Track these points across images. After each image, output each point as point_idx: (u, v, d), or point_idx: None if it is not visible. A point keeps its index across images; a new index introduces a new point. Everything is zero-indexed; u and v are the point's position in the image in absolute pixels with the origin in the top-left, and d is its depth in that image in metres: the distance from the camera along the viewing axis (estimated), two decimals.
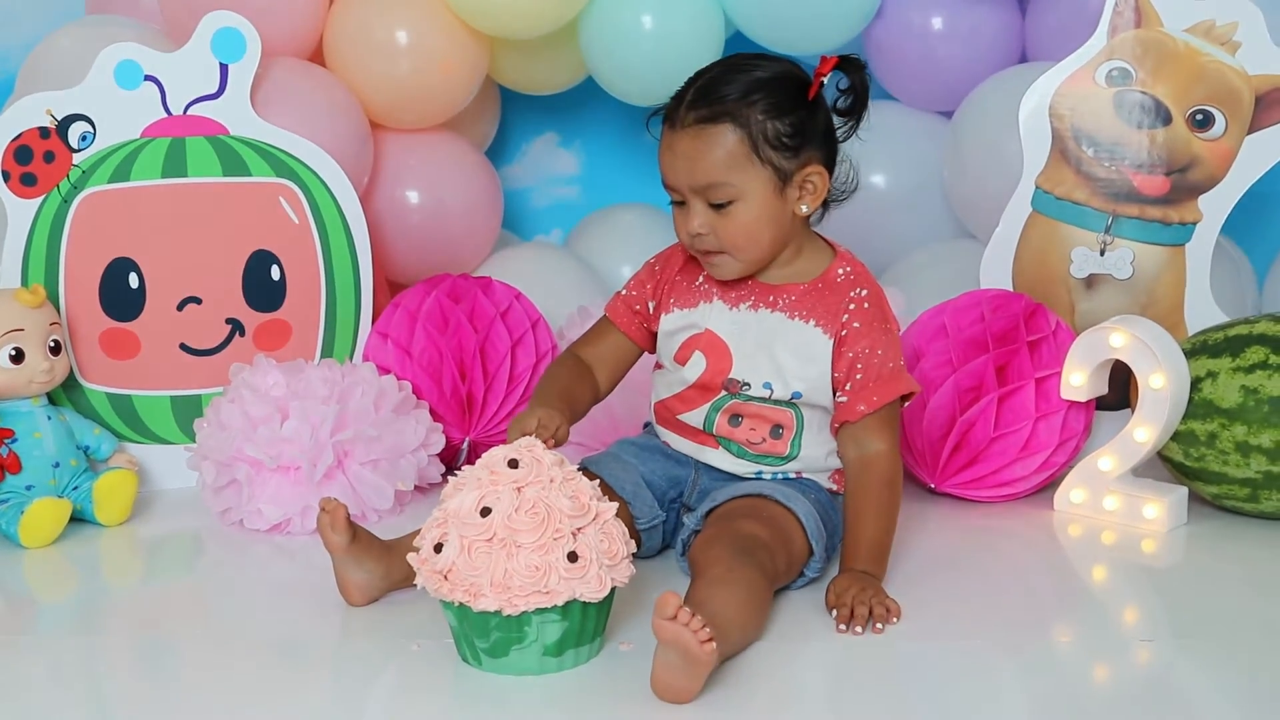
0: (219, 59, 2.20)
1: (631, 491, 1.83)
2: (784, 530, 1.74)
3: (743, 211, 1.73)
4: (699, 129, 1.71)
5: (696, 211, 1.74)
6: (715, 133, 1.71)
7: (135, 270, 2.21)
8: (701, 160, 1.71)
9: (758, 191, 1.72)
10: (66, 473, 2.07)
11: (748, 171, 1.71)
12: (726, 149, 1.71)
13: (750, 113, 1.71)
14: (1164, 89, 2.19)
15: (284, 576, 1.92)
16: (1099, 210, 2.23)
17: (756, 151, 1.71)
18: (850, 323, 1.77)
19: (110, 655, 1.66)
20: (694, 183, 1.72)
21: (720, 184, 1.71)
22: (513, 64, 2.64)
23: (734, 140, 1.71)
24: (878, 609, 1.65)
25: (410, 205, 2.57)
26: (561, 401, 1.77)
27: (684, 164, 1.73)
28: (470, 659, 1.57)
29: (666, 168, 1.75)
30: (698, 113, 1.72)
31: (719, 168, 1.71)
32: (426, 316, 2.24)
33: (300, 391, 2.07)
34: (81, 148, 2.18)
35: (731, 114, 1.71)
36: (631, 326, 1.89)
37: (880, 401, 1.76)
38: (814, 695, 1.52)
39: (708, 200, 1.73)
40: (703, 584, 1.61)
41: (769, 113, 1.72)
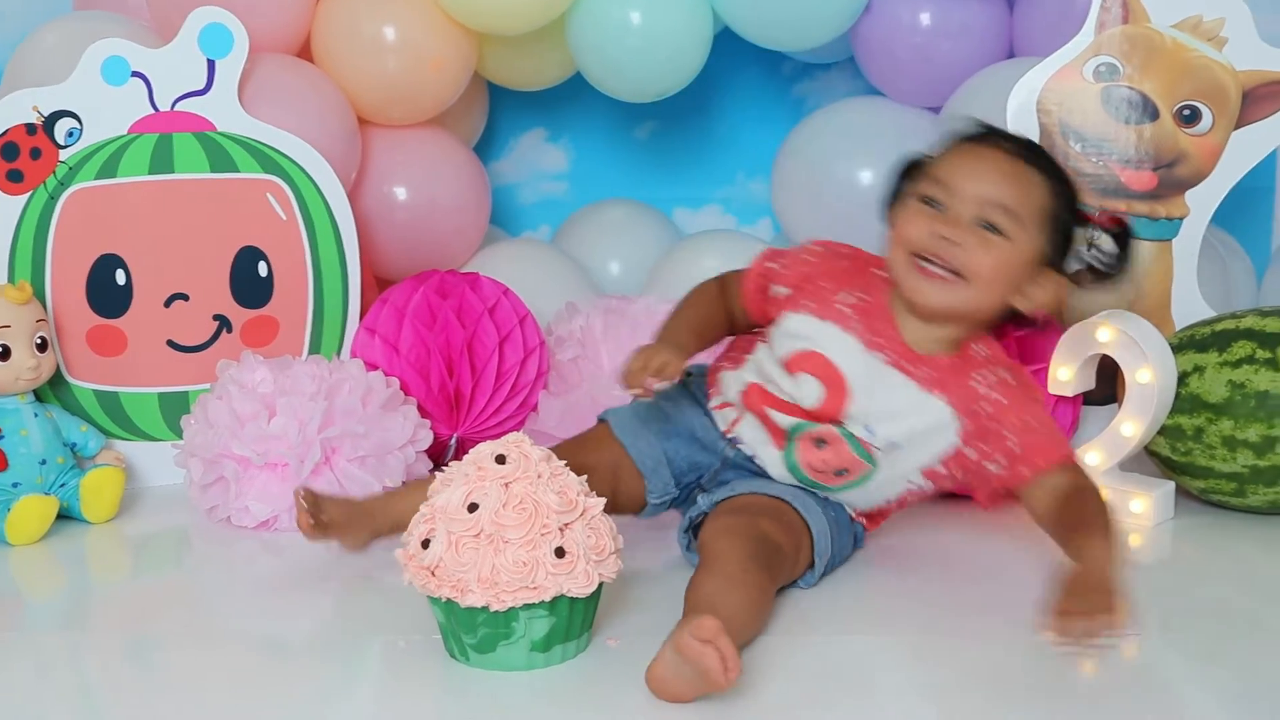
0: (206, 55, 2.20)
1: (650, 468, 1.84)
2: (796, 539, 1.73)
3: (1005, 251, 1.70)
4: (1026, 163, 1.73)
5: (965, 222, 1.70)
6: (1036, 177, 1.72)
7: (122, 267, 2.21)
8: (1014, 184, 1.71)
9: (1025, 249, 1.71)
10: (53, 470, 2.07)
11: (1034, 226, 1.72)
12: (1038, 192, 1.72)
13: (1062, 190, 1.75)
14: (1151, 84, 2.20)
15: (271, 573, 1.92)
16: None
17: (1049, 218, 1.72)
18: (991, 397, 1.74)
19: (98, 652, 1.65)
20: (991, 195, 1.70)
21: (1015, 213, 1.70)
22: (501, 60, 2.64)
23: (1045, 193, 1.72)
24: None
25: (398, 201, 2.57)
26: (690, 335, 1.80)
27: (995, 176, 1.71)
28: (458, 655, 1.57)
29: (962, 171, 1.72)
30: (1029, 154, 1.74)
31: (1023, 201, 1.70)
32: (414, 313, 2.23)
33: (287, 388, 2.07)
34: (68, 144, 2.18)
35: (1054, 176, 1.74)
36: (756, 300, 1.85)
37: (1048, 464, 1.72)
38: (804, 689, 1.51)
39: (985, 219, 1.69)
40: (716, 580, 1.60)
41: (1065, 204, 1.75)
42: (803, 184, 2.69)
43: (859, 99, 2.76)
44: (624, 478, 1.84)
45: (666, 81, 2.48)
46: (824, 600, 1.74)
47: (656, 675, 1.46)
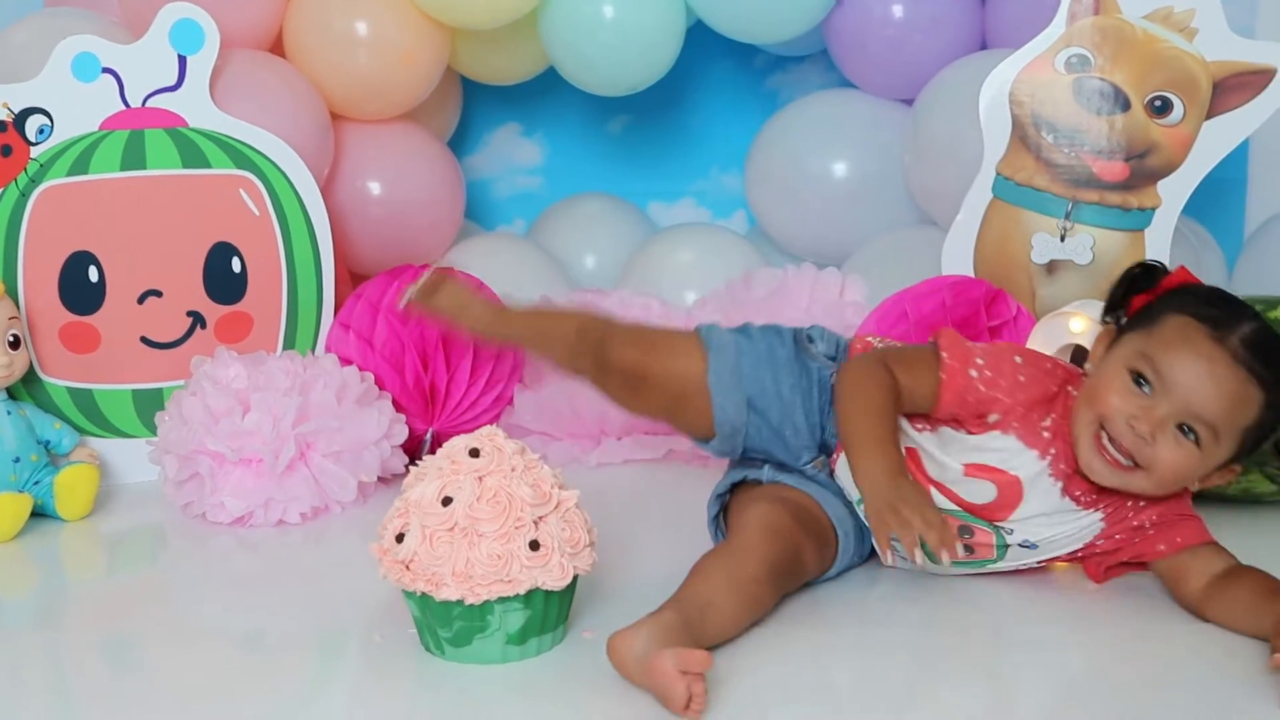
0: (177, 51, 2.19)
1: (728, 433, 1.76)
2: (825, 558, 1.71)
3: (1194, 458, 1.58)
4: (1245, 377, 1.56)
5: (1165, 422, 1.57)
6: (1254, 393, 1.56)
7: (95, 264, 2.20)
8: (1228, 403, 1.56)
9: (1215, 458, 1.59)
10: (27, 468, 2.06)
11: (1231, 440, 1.58)
12: (1250, 410, 1.57)
13: (1276, 402, 1.58)
14: (1123, 75, 2.20)
15: (247, 569, 1.92)
16: (1059, 196, 2.24)
17: (1250, 429, 1.58)
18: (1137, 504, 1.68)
19: (73, 650, 1.65)
20: (1205, 411, 1.56)
21: (1217, 429, 1.57)
22: (474, 54, 2.64)
23: (1257, 410, 1.57)
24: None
25: (372, 196, 2.57)
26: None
27: (1213, 390, 1.55)
28: (433, 648, 1.57)
29: (1183, 368, 1.56)
30: (1253, 363, 1.56)
31: (1231, 420, 1.57)
32: (388, 307, 2.23)
33: (262, 384, 2.06)
34: (39, 141, 2.17)
35: (1270, 385, 1.57)
36: (954, 405, 1.66)
37: (1185, 542, 1.67)
38: (792, 681, 1.52)
39: (1186, 423, 1.57)
40: (727, 578, 1.58)
41: (1276, 417, 1.60)
42: (777, 177, 2.70)
43: (832, 91, 2.77)
44: (690, 409, 1.77)
45: (640, 75, 2.49)
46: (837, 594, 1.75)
47: (619, 648, 1.46)
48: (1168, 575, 1.69)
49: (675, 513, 1.88)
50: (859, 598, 1.72)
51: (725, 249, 2.73)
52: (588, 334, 1.86)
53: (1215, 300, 1.62)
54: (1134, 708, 1.44)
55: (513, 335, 2.02)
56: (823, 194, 2.65)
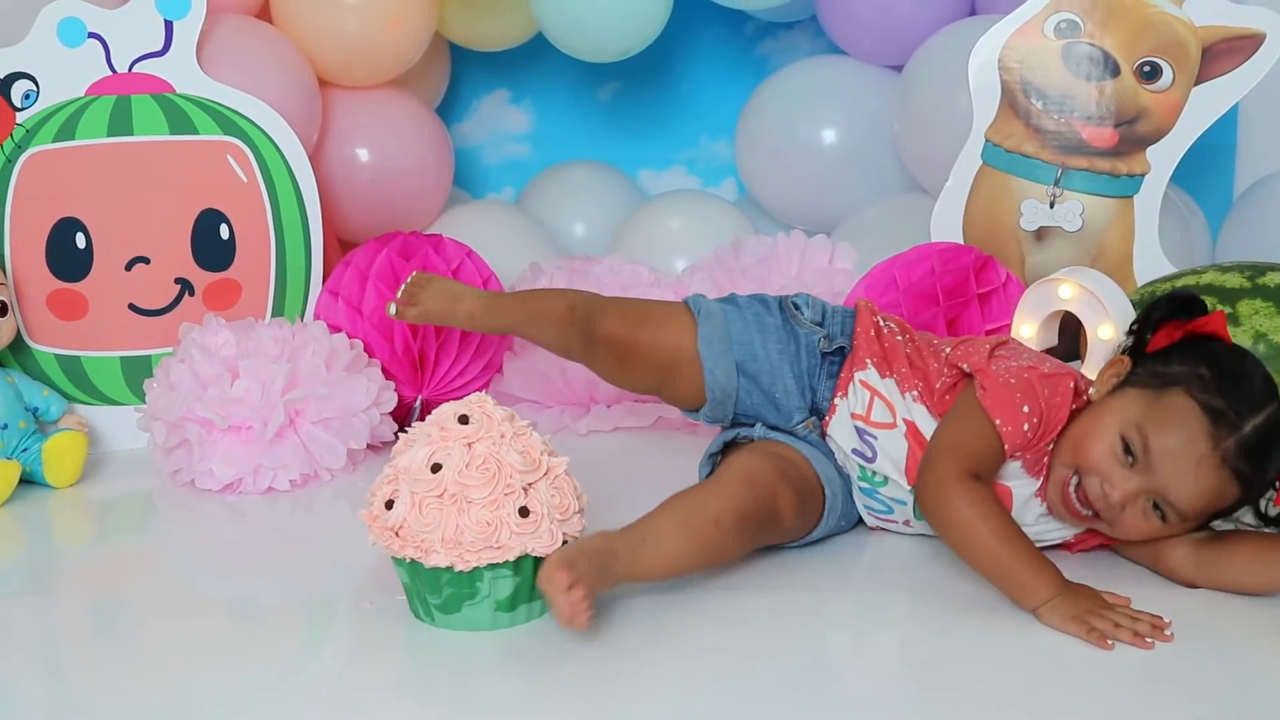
0: (164, 15, 2.18)
1: (719, 399, 1.78)
2: (807, 514, 1.71)
3: (1159, 530, 1.58)
4: (1229, 478, 1.54)
5: (1139, 496, 1.56)
6: (1228, 493, 1.55)
7: (82, 230, 2.19)
8: (1202, 503, 1.55)
9: (1185, 529, 1.60)
10: (15, 435, 2.06)
11: (1198, 519, 1.59)
12: (1218, 506, 1.57)
13: (1255, 492, 1.59)
14: (1112, 41, 2.20)
15: (236, 536, 1.91)
16: (1048, 163, 2.24)
17: (1227, 511, 1.59)
18: None
19: (61, 617, 1.65)
20: (1180, 501, 1.55)
21: (1186, 515, 1.56)
22: (462, 20, 2.63)
23: (1230, 501, 1.57)
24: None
25: (360, 163, 2.56)
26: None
27: (1195, 488, 1.54)
28: (422, 615, 1.57)
29: (1175, 467, 1.54)
30: (1240, 467, 1.54)
31: (1201, 509, 1.57)
32: (377, 275, 2.23)
33: (250, 350, 2.06)
34: (25, 106, 2.16)
35: (1253, 485, 1.56)
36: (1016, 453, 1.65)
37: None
38: (779, 644, 1.52)
39: (1158, 503, 1.56)
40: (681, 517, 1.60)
41: (1251, 500, 1.60)
42: (766, 144, 2.70)
43: (821, 58, 2.76)
44: (681, 379, 1.80)
45: (628, 41, 2.47)
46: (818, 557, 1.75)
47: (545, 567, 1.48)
48: (1145, 556, 1.67)
49: (665, 479, 1.87)
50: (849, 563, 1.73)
51: (715, 216, 2.72)
52: (576, 310, 1.89)
53: (1228, 386, 1.55)
54: (1128, 669, 1.45)
55: (507, 322, 2.01)
56: (812, 161, 2.64)
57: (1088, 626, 1.51)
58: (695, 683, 1.44)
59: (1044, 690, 1.42)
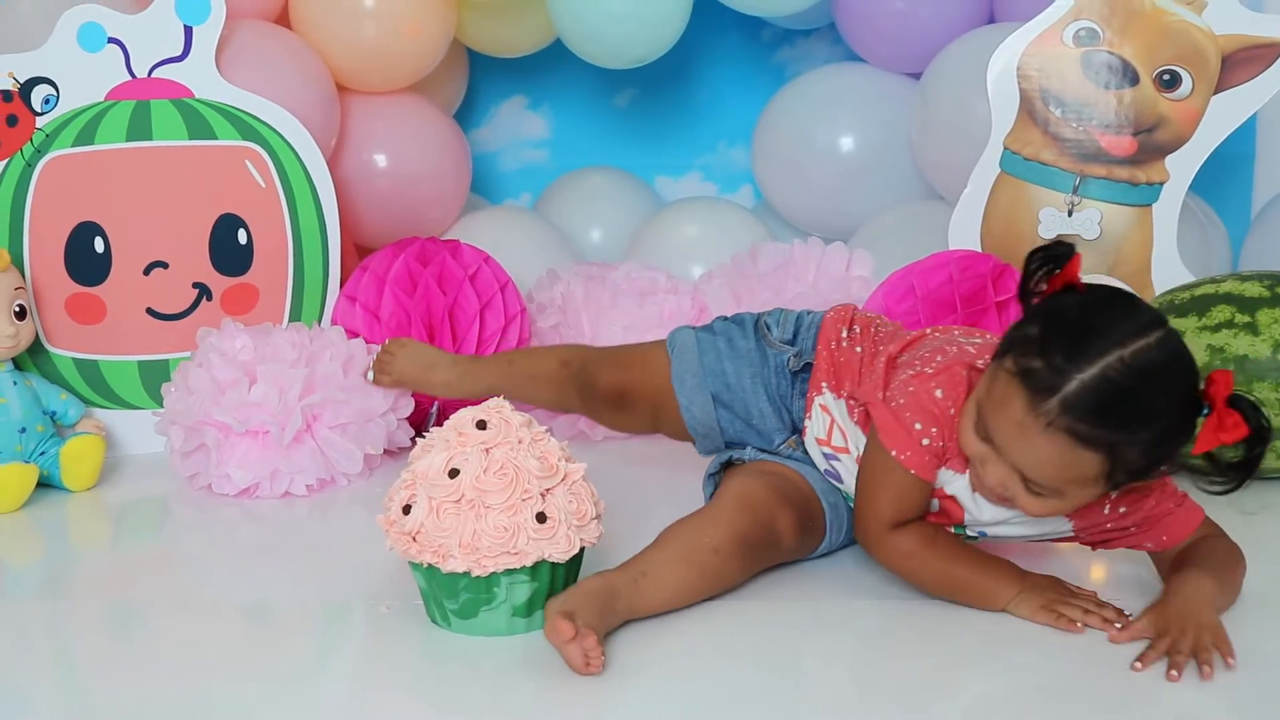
0: (183, 21, 2.18)
1: (702, 433, 1.81)
2: (809, 534, 1.70)
3: (1055, 503, 1.50)
4: (1066, 442, 1.43)
5: (1006, 474, 1.49)
6: (1080, 455, 1.43)
7: (101, 235, 2.20)
8: (1049, 471, 1.46)
9: (1084, 498, 1.50)
10: (33, 438, 2.06)
11: (1087, 488, 1.48)
12: (1083, 472, 1.45)
13: (1129, 449, 1.43)
14: (1131, 49, 2.20)
15: (252, 541, 1.92)
16: (1067, 171, 2.23)
17: (1109, 478, 1.46)
18: (1116, 511, 1.58)
19: (78, 620, 1.65)
20: (1029, 475, 1.47)
21: (1054, 489, 1.48)
22: (480, 26, 2.63)
23: (1095, 468, 1.44)
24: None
25: (378, 169, 2.56)
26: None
27: (1029, 458, 1.46)
28: (439, 620, 1.57)
29: (1005, 439, 1.47)
30: (1074, 426, 1.42)
31: (1064, 482, 1.47)
32: (395, 280, 2.23)
33: (268, 355, 2.06)
34: (45, 111, 2.16)
35: (1110, 446, 1.43)
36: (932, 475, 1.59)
37: (1173, 541, 1.60)
38: (788, 651, 1.52)
39: (1025, 481, 1.49)
40: (682, 549, 1.60)
41: (1146, 450, 1.44)
42: (783, 151, 2.70)
43: (839, 65, 2.76)
44: (667, 416, 1.83)
45: (646, 48, 2.47)
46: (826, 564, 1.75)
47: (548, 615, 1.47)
48: (1155, 560, 1.65)
49: (681, 486, 1.88)
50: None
51: (732, 223, 2.72)
52: (570, 365, 1.92)
53: (1054, 342, 1.44)
54: (1137, 683, 1.45)
55: (486, 385, 1.97)
56: (829, 168, 2.64)
57: (1056, 614, 1.54)
58: (709, 690, 1.44)
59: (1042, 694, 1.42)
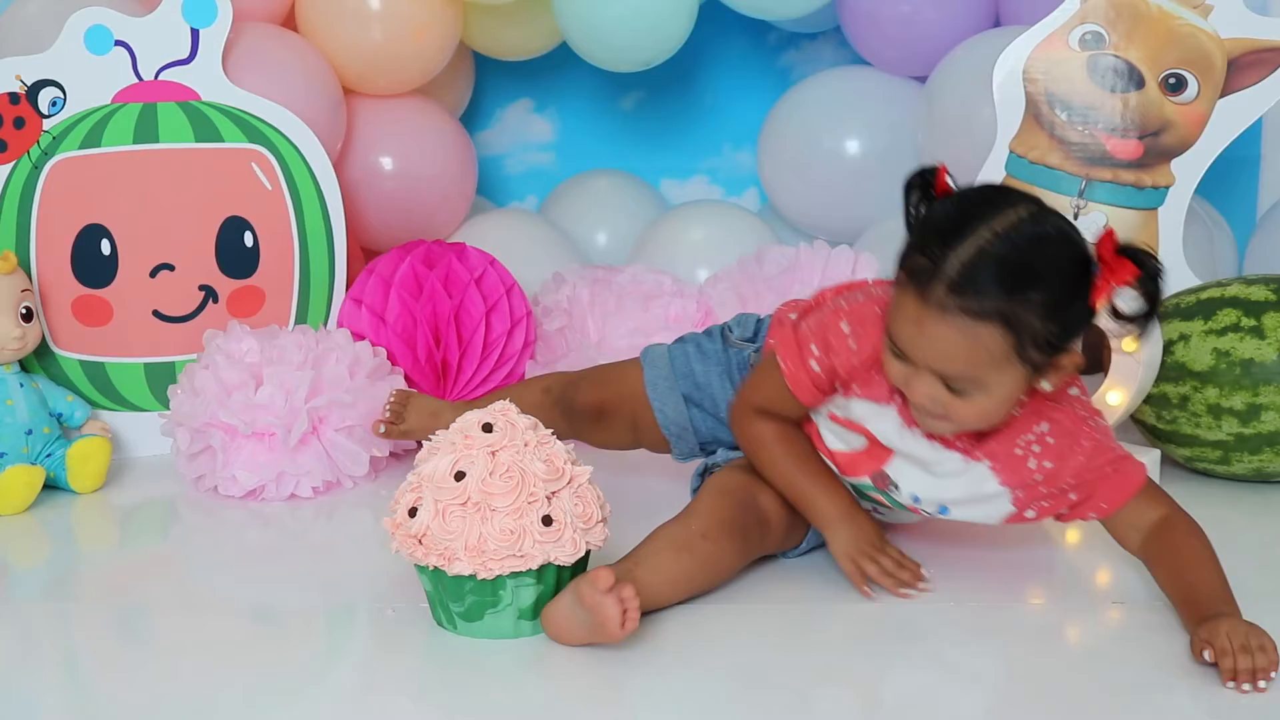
0: (190, 24, 2.19)
1: (676, 434, 1.89)
2: (795, 514, 1.72)
3: (983, 399, 1.50)
4: (962, 321, 1.44)
5: (929, 384, 1.50)
6: (979, 332, 1.44)
7: (107, 237, 2.20)
8: (955, 357, 1.46)
9: (1006, 384, 1.49)
10: (39, 440, 2.07)
11: (1004, 370, 1.47)
12: (989, 351, 1.45)
13: (1025, 315, 1.43)
14: (1137, 53, 2.19)
15: (258, 543, 1.92)
16: (1072, 174, 2.23)
17: (1019, 353, 1.46)
18: (1042, 465, 1.59)
19: (84, 622, 1.65)
20: (940, 370, 1.48)
21: (970, 378, 1.48)
22: (486, 29, 2.63)
23: (998, 343, 1.44)
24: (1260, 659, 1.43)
25: (384, 171, 2.57)
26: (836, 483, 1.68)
27: (934, 350, 1.47)
28: (445, 623, 1.57)
29: (908, 341, 1.49)
30: (964, 302, 1.43)
31: (972, 366, 1.47)
32: (401, 283, 2.23)
33: (274, 357, 2.06)
34: (52, 113, 2.17)
35: (1004, 315, 1.43)
36: (810, 398, 1.66)
37: (1112, 506, 1.61)
38: (781, 657, 1.52)
39: (947, 384, 1.49)
40: (667, 538, 1.62)
41: (1044, 313, 1.44)
42: (789, 154, 2.69)
43: (845, 68, 2.76)
44: (644, 426, 1.90)
45: (652, 51, 2.48)
46: (820, 568, 1.75)
47: (552, 615, 1.51)
48: (1108, 529, 1.65)
49: (686, 491, 1.88)
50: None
51: (737, 226, 2.72)
52: (551, 391, 1.97)
53: (927, 236, 1.48)
54: (1114, 685, 1.45)
55: None
56: (835, 171, 2.64)
57: (855, 567, 1.64)
58: (712, 694, 1.44)
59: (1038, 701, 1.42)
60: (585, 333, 2.33)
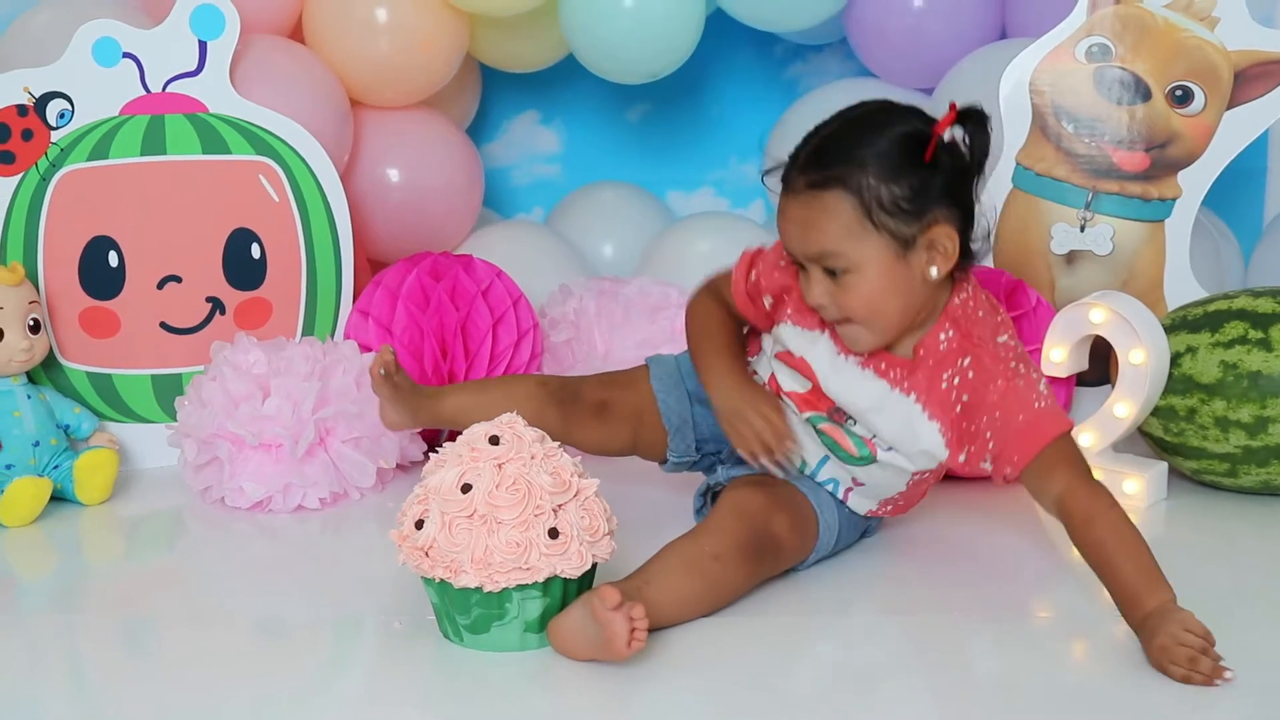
0: (198, 36, 2.19)
1: (675, 426, 1.87)
2: (804, 534, 1.73)
3: (860, 282, 1.58)
4: (810, 195, 1.58)
5: (815, 279, 1.61)
6: (826, 199, 1.57)
7: (115, 249, 2.20)
8: (813, 229, 1.58)
9: (875, 260, 1.57)
10: (46, 452, 2.07)
11: (862, 240, 1.56)
12: (838, 217, 1.56)
13: (862, 177, 1.55)
14: (1144, 65, 2.20)
15: (265, 555, 1.92)
16: (1079, 186, 2.23)
17: (870, 218, 1.56)
18: (960, 398, 1.64)
19: (90, 634, 1.65)
20: (807, 251, 1.60)
21: (832, 252, 1.57)
22: (493, 41, 2.64)
23: (846, 207, 1.56)
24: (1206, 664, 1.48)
25: (391, 183, 2.57)
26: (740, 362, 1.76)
27: (797, 231, 1.60)
28: (451, 636, 1.57)
29: (782, 233, 1.63)
30: (808, 177, 1.58)
31: (830, 236, 1.57)
32: (408, 294, 2.23)
33: (282, 369, 2.07)
34: (60, 125, 2.17)
35: (842, 179, 1.56)
36: (751, 311, 1.77)
37: (1023, 460, 1.62)
38: (785, 671, 1.52)
39: (824, 268, 1.60)
40: (678, 557, 1.62)
41: (883, 176, 1.55)
42: None
43: (852, 81, 2.76)
44: (647, 424, 1.88)
45: (659, 63, 2.48)
46: (825, 580, 1.75)
47: (559, 629, 1.52)
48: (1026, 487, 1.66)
49: (692, 502, 1.88)
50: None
51: (744, 238, 2.70)
52: (548, 385, 1.93)
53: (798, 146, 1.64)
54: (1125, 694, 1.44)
55: (449, 411, 1.93)
56: None
57: (731, 426, 1.72)
58: (718, 707, 1.44)
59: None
60: (592, 344, 2.33)
